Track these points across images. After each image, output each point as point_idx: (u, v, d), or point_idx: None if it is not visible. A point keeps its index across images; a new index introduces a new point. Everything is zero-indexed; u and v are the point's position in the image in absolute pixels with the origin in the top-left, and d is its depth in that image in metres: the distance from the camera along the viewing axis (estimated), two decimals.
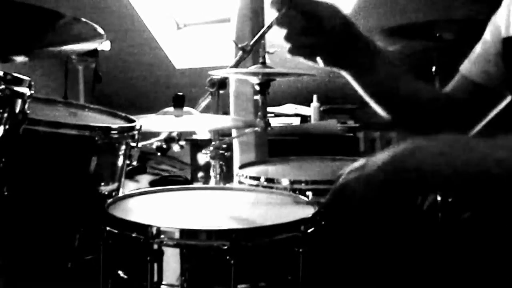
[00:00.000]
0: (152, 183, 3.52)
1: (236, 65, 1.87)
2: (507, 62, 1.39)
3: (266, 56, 1.80)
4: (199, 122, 1.90)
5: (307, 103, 3.84)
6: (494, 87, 1.47)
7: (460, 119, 1.53)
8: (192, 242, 1.10)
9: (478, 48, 1.51)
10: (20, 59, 1.56)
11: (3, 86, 1.10)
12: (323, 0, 1.40)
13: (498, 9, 1.46)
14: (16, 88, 1.14)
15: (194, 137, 3.31)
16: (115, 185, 1.47)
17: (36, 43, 1.49)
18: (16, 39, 1.40)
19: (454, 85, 1.56)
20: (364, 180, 1.13)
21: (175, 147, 2.04)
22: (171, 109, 1.84)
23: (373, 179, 1.11)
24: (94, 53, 3.42)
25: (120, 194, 1.47)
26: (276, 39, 1.46)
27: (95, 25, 1.37)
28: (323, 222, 1.22)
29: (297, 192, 1.49)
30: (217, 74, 1.87)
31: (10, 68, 1.25)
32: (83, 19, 1.33)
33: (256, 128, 1.86)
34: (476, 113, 1.53)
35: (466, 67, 1.53)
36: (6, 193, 1.23)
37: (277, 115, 3.73)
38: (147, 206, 1.36)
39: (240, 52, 1.92)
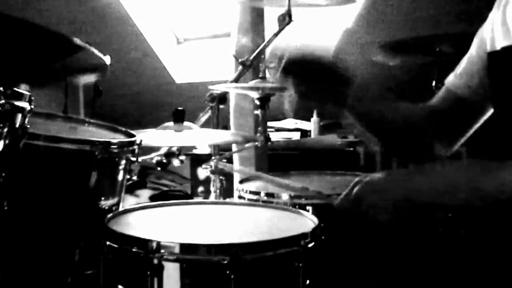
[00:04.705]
0: (152, 198, 3.52)
1: (236, 79, 1.88)
2: (492, 75, 1.39)
3: (266, 70, 1.81)
4: (199, 137, 1.90)
5: (307, 117, 3.84)
6: (477, 100, 1.48)
7: (444, 131, 1.54)
8: (192, 256, 1.09)
9: (463, 62, 1.52)
10: (22, 88, 1.56)
11: (3, 101, 1.11)
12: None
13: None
14: (16, 103, 1.14)
15: (194, 151, 3.32)
16: (115, 200, 1.46)
17: (42, 73, 1.49)
18: (22, 68, 1.41)
19: (439, 98, 1.57)
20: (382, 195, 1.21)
21: (175, 162, 2.04)
22: (171, 123, 1.84)
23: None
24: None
25: (120, 208, 1.47)
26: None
27: (101, 55, 1.37)
28: (323, 237, 1.22)
29: (297, 206, 1.49)
30: (217, 89, 1.87)
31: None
32: (91, 48, 1.33)
33: (256, 143, 1.86)
34: (459, 125, 1.54)
35: (451, 80, 1.54)
36: (6, 208, 1.23)
37: (277, 129, 3.73)
38: (147, 221, 1.36)
39: (240, 67, 1.93)
